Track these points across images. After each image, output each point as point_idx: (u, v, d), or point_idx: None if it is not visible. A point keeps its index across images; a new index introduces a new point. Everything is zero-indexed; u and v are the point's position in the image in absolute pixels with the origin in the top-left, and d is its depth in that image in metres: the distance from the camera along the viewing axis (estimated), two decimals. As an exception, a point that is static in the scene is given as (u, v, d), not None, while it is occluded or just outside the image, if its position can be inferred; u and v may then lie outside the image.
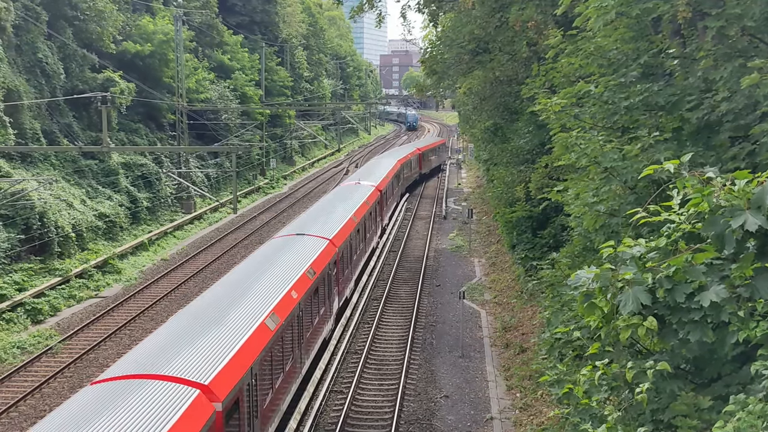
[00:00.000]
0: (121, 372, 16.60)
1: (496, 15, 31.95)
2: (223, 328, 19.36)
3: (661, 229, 8.97)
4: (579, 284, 9.16)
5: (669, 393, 9.10)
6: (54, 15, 53.64)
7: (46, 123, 50.92)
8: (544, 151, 28.10)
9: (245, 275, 25.65)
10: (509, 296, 37.02)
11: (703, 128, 14.92)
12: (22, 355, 31.48)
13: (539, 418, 23.46)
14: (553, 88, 21.33)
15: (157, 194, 57.95)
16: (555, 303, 19.93)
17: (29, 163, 46.88)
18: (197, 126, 69.82)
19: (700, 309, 8.29)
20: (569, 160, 16.38)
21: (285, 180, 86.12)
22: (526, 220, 36.73)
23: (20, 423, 25.25)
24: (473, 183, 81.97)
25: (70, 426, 13.73)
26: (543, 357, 21.79)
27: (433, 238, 53.43)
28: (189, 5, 74.35)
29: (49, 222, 41.72)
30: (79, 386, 25.85)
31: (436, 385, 27.51)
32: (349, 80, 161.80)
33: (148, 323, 35.23)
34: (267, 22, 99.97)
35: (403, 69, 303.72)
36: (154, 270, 45.89)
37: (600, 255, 9.48)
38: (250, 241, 52.75)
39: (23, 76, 49.16)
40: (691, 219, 8.58)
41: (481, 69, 36.67)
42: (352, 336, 32.27)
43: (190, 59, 72.35)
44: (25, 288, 37.17)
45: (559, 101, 17.14)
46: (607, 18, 15.73)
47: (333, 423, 24.17)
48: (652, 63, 16.44)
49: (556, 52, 19.56)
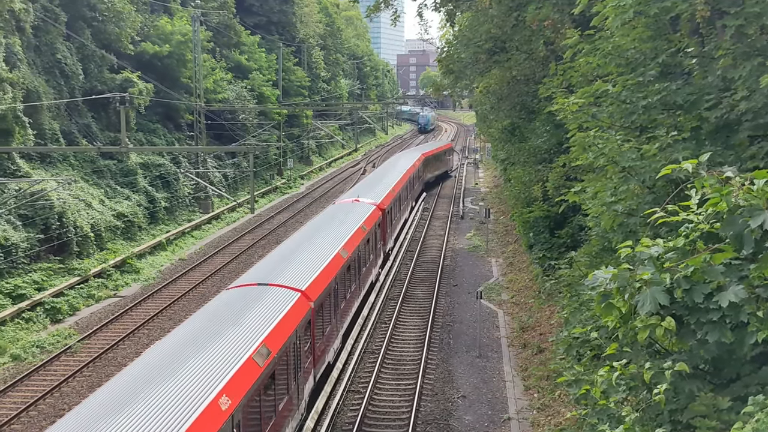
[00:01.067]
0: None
1: (513, 14, 31.86)
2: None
3: (679, 229, 8.93)
4: (597, 284, 9.12)
5: (687, 393, 9.05)
6: (72, 16, 53.96)
7: (65, 123, 51.24)
8: (562, 150, 27.98)
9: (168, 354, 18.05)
10: (527, 296, 36.92)
11: (721, 127, 14.83)
12: (41, 354, 31.70)
13: (557, 419, 23.38)
14: (570, 88, 21.25)
15: (175, 194, 58.19)
16: (573, 303, 19.87)
17: (48, 164, 47.19)
18: (215, 126, 70.06)
19: (718, 309, 8.24)
20: (587, 159, 16.32)
21: (302, 180, 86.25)
22: (543, 219, 36.61)
23: (39, 422, 25.42)
24: (490, 182, 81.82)
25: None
26: (561, 357, 21.72)
27: (450, 238, 53.37)
28: (207, 6, 74.59)
29: (68, 222, 41.98)
30: (97, 385, 25.96)
31: (454, 385, 27.48)
32: (366, 80, 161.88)
33: (166, 323, 35.38)
34: (284, 22, 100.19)
35: (420, 69, 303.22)
36: (172, 269, 46.08)
37: (618, 255, 9.44)
38: (267, 240, 52.86)
39: (42, 77, 49.48)
40: (710, 219, 8.54)
41: (498, 68, 36.57)
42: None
43: (208, 59, 72.62)
44: (45, 287, 37.42)
45: (577, 101, 17.08)
46: (625, 17, 15.66)
47: (350, 423, 24.18)
48: (670, 62, 16.35)
49: (573, 52, 19.50)
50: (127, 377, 16.53)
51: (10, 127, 42.65)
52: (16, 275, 37.17)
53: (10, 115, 42.43)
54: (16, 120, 43.29)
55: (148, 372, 16.53)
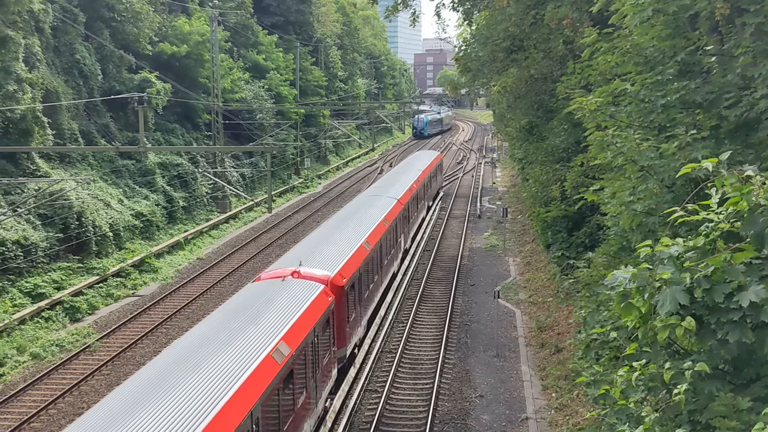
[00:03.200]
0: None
1: (531, 12, 31.78)
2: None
3: (699, 228, 8.87)
4: (616, 284, 9.08)
5: (707, 394, 8.99)
6: (91, 16, 54.22)
7: (84, 123, 51.52)
8: (580, 149, 27.90)
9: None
10: (544, 295, 36.82)
11: (741, 126, 14.72)
12: (60, 353, 31.91)
13: (575, 419, 23.33)
14: (588, 86, 21.17)
15: (193, 194, 58.40)
16: (591, 303, 19.79)
17: (67, 163, 47.47)
18: (232, 126, 70.25)
19: (739, 309, 8.18)
20: (605, 159, 16.25)
21: (319, 179, 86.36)
22: (561, 219, 36.49)
23: (59, 420, 25.58)
24: (508, 182, 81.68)
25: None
26: (579, 357, 21.67)
27: (468, 237, 53.31)
28: (224, 6, 74.78)
29: (87, 221, 42.21)
30: (116, 384, 26.09)
31: (471, 385, 27.46)
32: (383, 79, 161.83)
33: (184, 321, 35.51)
34: (301, 21, 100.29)
35: (437, 68, 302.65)
36: (190, 269, 46.25)
37: (637, 254, 9.39)
38: (285, 240, 52.95)
39: (61, 77, 49.78)
40: (730, 218, 8.48)
41: (515, 67, 36.49)
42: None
43: (226, 59, 72.80)
44: (64, 286, 37.66)
45: (595, 100, 17.01)
46: (643, 15, 15.58)
47: (368, 422, 24.20)
48: (689, 60, 16.25)
49: (591, 51, 19.43)
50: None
51: (30, 127, 42.93)
52: (36, 274, 37.43)
53: (30, 115, 42.72)
54: (35, 120, 43.58)
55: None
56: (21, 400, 27.15)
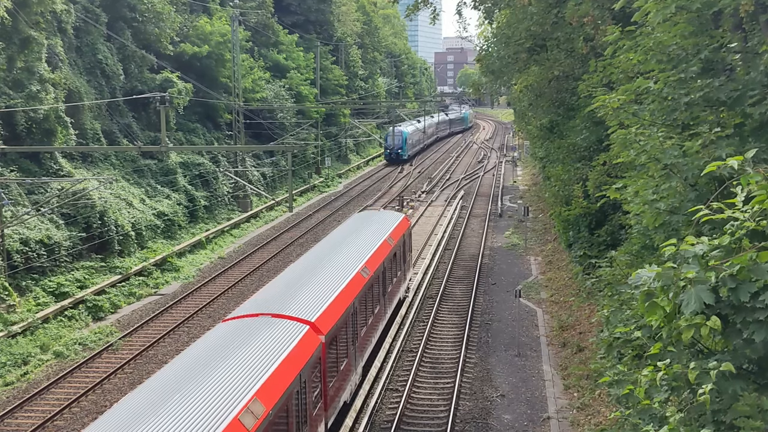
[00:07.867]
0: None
1: (553, 11, 31.64)
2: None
3: (724, 226, 8.80)
4: (640, 283, 9.03)
5: (731, 394, 8.92)
6: (113, 17, 54.55)
7: (106, 123, 51.82)
8: (602, 148, 27.74)
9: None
10: (566, 294, 36.66)
11: (766, 124, 14.60)
12: (83, 352, 32.11)
13: (597, 418, 23.21)
14: (610, 84, 21.06)
15: (215, 193, 58.63)
16: (614, 302, 19.68)
17: (90, 163, 47.77)
18: (253, 125, 70.47)
19: (765, 308, 8.11)
20: (628, 157, 16.16)
21: (340, 178, 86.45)
22: (583, 218, 36.31)
23: (82, 418, 25.73)
24: (529, 181, 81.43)
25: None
26: (601, 356, 21.55)
27: (489, 236, 53.20)
28: (245, 5, 75.01)
29: (110, 221, 42.47)
30: (138, 382, 26.23)
31: (492, 384, 27.39)
32: (403, 78, 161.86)
33: (205, 320, 35.63)
34: (322, 21, 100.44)
35: (458, 66, 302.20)
36: (212, 268, 46.41)
37: (661, 253, 9.34)
38: (306, 239, 53.04)
39: (84, 77, 50.09)
40: (756, 216, 8.40)
41: (537, 66, 36.34)
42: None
43: (246, 59, 73.01)
44: (87, 285, 37.91)
45: (618, 97, 16.92)
46: (666, 12, 15.47)
47: (389, 421, 24.19)
48: (712, 58, 16.12)
49: (614, 48, 19.31)
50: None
51: (53, 127, 43.26)
52: (59, 273, 37.71)
53: (53, 115, 43.04)
54: (58, 120, 43.91)
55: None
56: (45, 399, 27.34)
